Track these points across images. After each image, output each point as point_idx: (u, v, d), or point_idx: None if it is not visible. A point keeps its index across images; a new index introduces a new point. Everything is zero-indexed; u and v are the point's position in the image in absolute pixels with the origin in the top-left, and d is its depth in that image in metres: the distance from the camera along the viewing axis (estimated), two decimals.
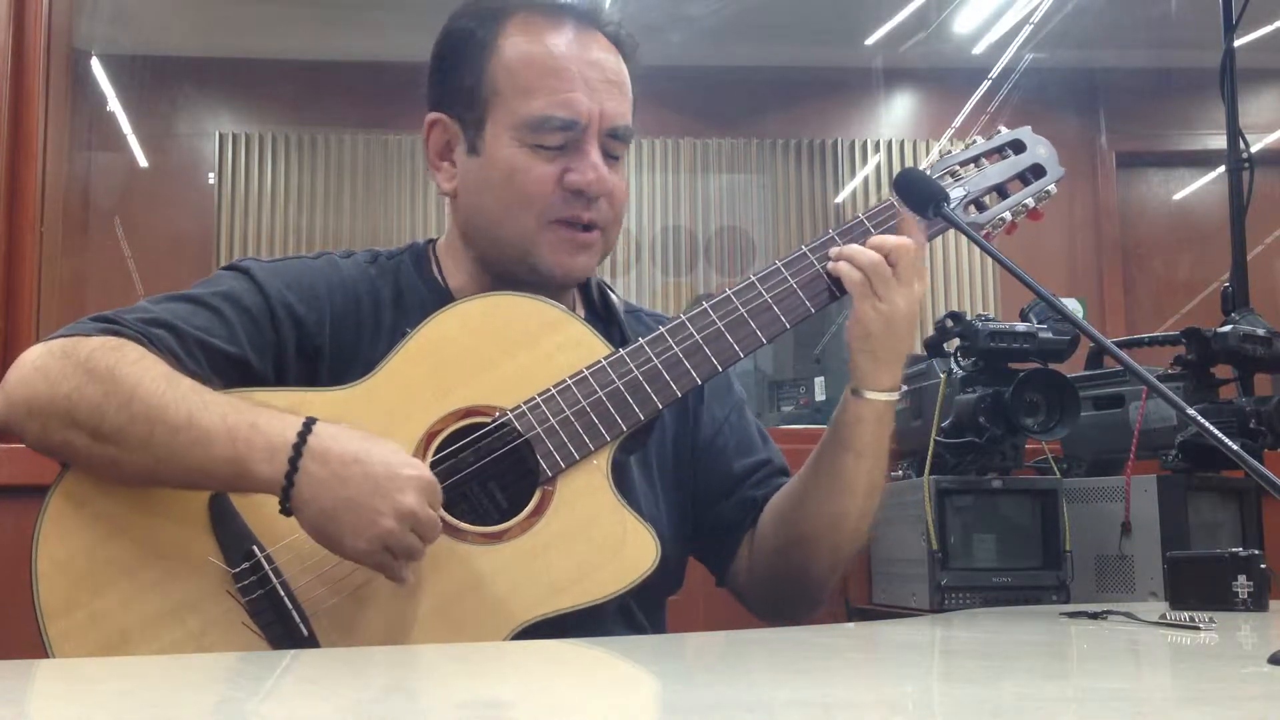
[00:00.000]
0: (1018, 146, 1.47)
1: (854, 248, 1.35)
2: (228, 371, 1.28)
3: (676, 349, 1.32)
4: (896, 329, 1.34)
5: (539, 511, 1.27)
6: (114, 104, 5.94)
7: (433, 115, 1.42)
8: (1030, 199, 1.45)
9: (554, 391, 1.29)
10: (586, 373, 1.30)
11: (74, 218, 4.21)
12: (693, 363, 1.32)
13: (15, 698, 0.90)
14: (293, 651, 1.20)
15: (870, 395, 1.37)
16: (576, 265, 1.39)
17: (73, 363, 1.22)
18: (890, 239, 1.36)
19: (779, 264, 1.37)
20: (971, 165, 1.45)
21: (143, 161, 6.21)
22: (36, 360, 1.24)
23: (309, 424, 1.19)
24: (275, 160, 6.36)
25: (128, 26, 5.67)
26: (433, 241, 1.50)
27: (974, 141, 1.48)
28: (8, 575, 1.28)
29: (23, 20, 2.32)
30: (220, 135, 6.30)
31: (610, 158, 1.39)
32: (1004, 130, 1.49)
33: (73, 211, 3.93)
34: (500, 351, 1.31)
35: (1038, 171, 1.46)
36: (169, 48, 6.02)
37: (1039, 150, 1.47)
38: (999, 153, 1.47)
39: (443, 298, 1.41)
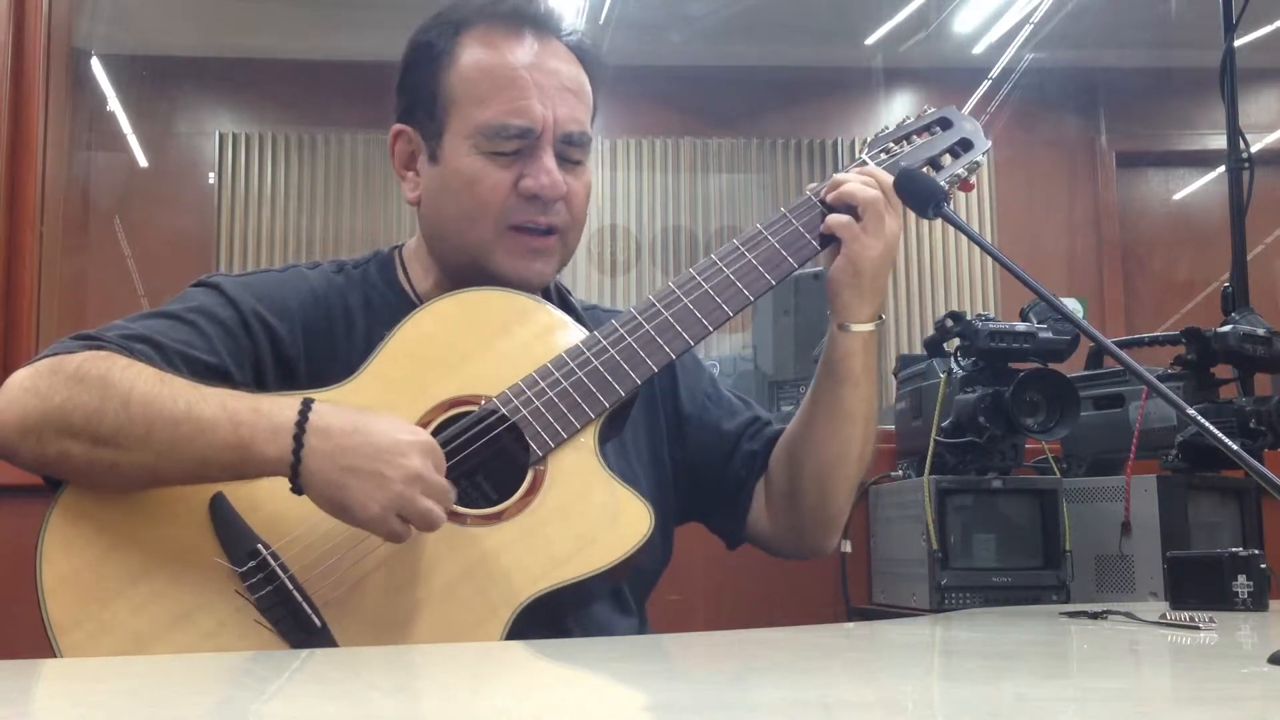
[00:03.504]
0: (945, 124, 1.56)
1: (851, 185, 1.43)
2: (210, 382, 1.29)
3: (648, 327, 1.37)
4: (884, 264, 1.44)
5: (533, 490, 1.30)
6: (114, 104, 5.93)
7: (396, 126, 1.47)
8: (962, 169, 1.53)
9: (535, 375, 1.33)
10: (564, 355, 1.34)
11: (74, 218, 4.21)
12: (664, 339, 1.37)
13: (16, 698, 0.90)
14: (298, 652, 1.20)
15: (856, 328, 1.45)
16: (533, 271, 1.42)
17: (62, 376, 1.24)
18: (862, 176, 1.44)
19: (737, 243, 1.43)
20: (904, 142, 1.54)
21: (143, 161, 6.21)
22: (25, 381, 1.25)
23: (308, 402, 1.22)
24: (275, 160, 6.36)
25: (128, 26, 5.67)
26: (398, 248, 1.53)
27: (905, 120, 1.56)
28: (8, 575, 1.28)
29: (23, 20, 2.32)
30: (220, 135, 6.30)
31: (568, 162, 1.42)
32: (930, 109, 1.57)
33: (73, 211, 3.93)
34: (478, 343, 1.35)
35: (965, 145, 1.54)
36: (169, 48, 6.02)
37: (965, 126, 1.55)
38: (927, 130, 1.55)
39: (408, 302, 1.45)
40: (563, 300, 1.54)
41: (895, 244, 1.44)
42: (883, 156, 1.51)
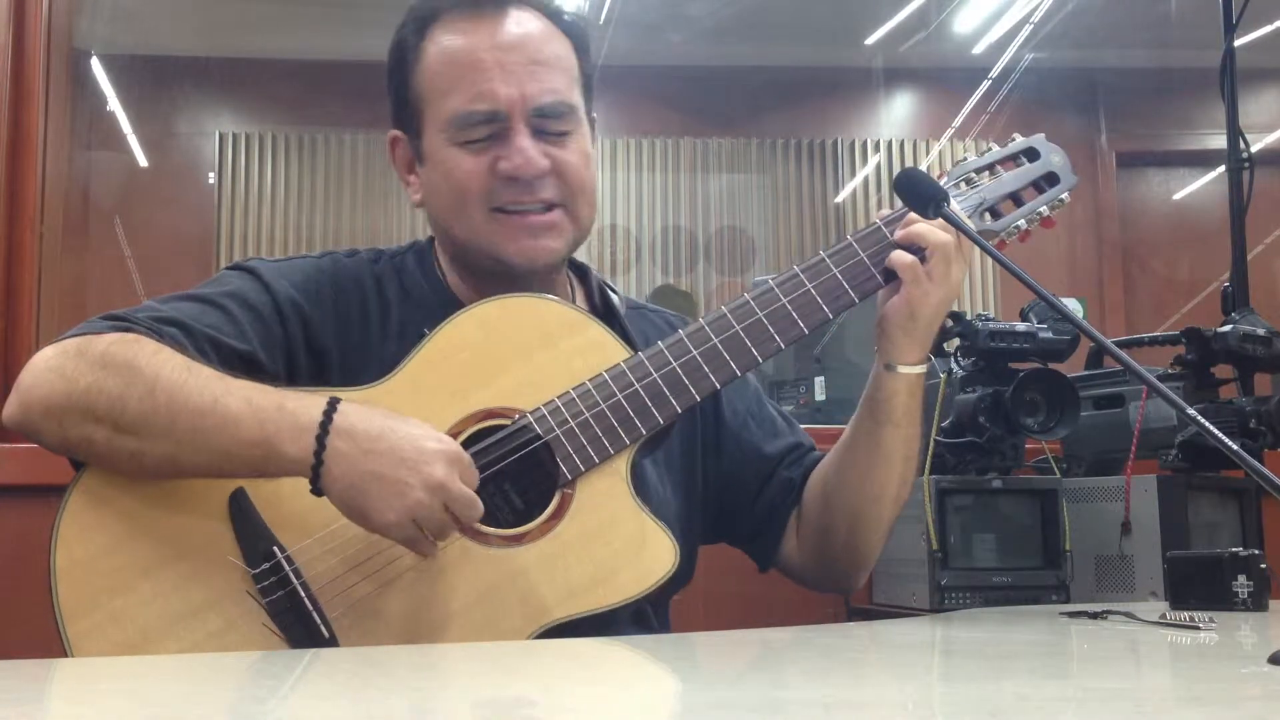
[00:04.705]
0: (1031, 154, 1.48)
1: (923, 227, 1.36)
2: (239, 369, 1.28)
3: (695, 353, 1.32)
4: (942, 310, 1.40)
5: (558, 515, 1.27)
6: (114, 104, 5.93)
7: (392, 133, 1.46)
8: (1044, 207, 1.46)
9: (573, 394, 1.29)
10: (606, 376, 1.30)
11: (74, 218, 4.20)
12: (711, 368, 1.32)
13: (19, 698, 0.90)
14: (309, 651, 1.20)
15: (904, 370, 1.41)
16: (539, 249, 1.38)
17: (88, 359, 1.22)
18: (928, 225, 1.38)
19: (797, 270, 1.37)
20: (986, 172, 1.46)
21: (143, 161, 6.21)
22: (51, 360, 1.23)
23: (334, 403, 1.20)
24: (275, 160, 6.36)
25: (128, 26, 5.67)
26: (434, 238, 1.51)
27: (989, 149, 1.48)
28: (9, 575, 1.28)
29: (23, 20, 2.32)
30: (220, 135, 6.30)
31: (550, 135, 1.38)
32: (1019, 138, 1.49)
33: (73, 211, 3.92)
34: (519, 353, 1.31)
35: (1051, 179, 1.47)
36: (169, 48, 6.02)
37: (1053, 159, 1.47)
38: (1013, 160, 1.47)
39: (445, 294, 1.43)
40: (604, 298, 1.51)
41: (956, 292, 1.40)
42: (964, 187, 1.44)
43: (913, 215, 1.38)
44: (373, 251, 1.47)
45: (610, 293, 1.52)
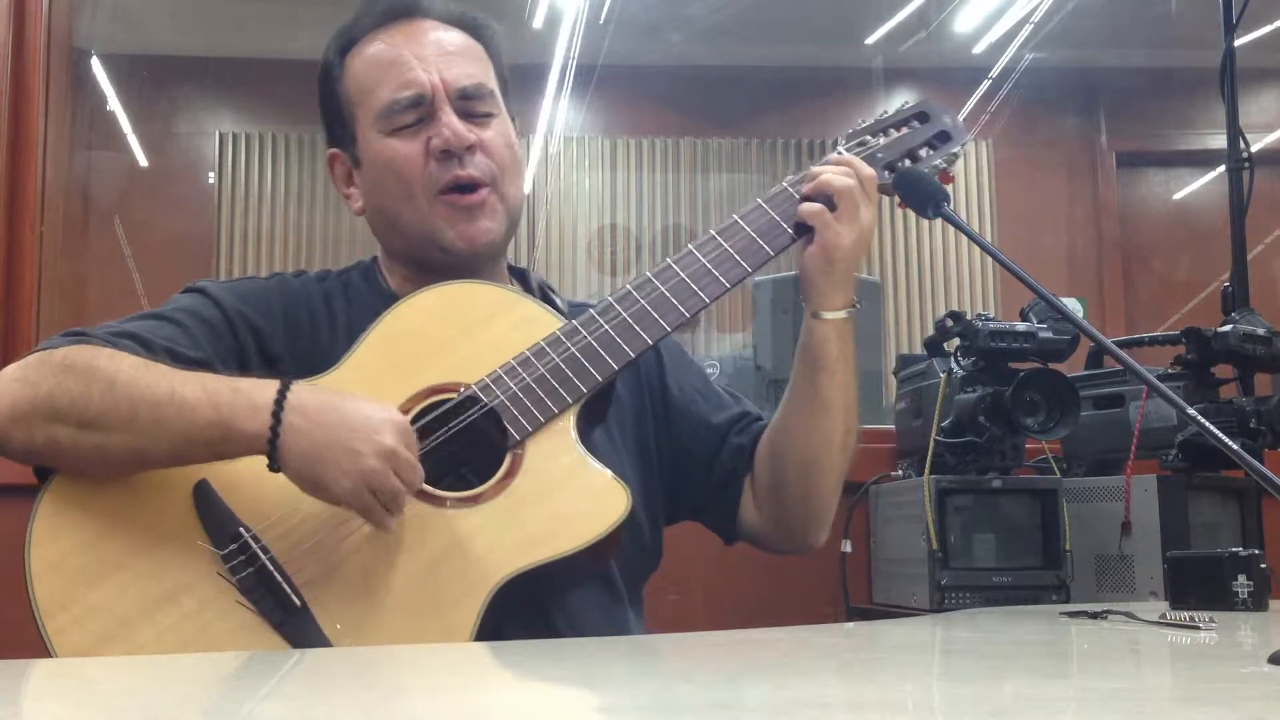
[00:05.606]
0: (923, 117, 1.56)
1: (828, 175, 1.44)
2: None
3: (625, 315, 1.38)
4: (856, 253, 1.45)
5: (511, 474, 1.31)
6: (114, 104, 5.94)
7: (329, 152, 1.55)
8: (939, 160, 1.53)
9: (514, 363, 1.35)
10: (543, 344, 1.36)
11: (74, 218, 4.20)
12: (642, 326, 1.38)
13: (11, 698, 0.90)
14: (291, 653, 1.21)
15: (829, 315, 1.46)
16: (477, 231, 1.45)
17: (49, 367, 1.28)
18: (839, 166, 1.45)
19: (714, 233, 1.44)
20: (881, 135, 1.53)
21: (143, 161, 6.22)
22: (14, 373, 1.29)
23: (286, 383, 1.26)
24: (275, 160, 6.37)
25: (128, 26, 5.67)
26: (377, 255, 1.57)
27: (882, 114, 1.56)
28: (7, 575, 1.29)
29: (23, 20, 2.32)
30: (220, 135, 6.31)
31: (475, 117, 1.45)
32: (908, 102, 1.57)
33: (73, 211, 3.93)
34: (459, 334, 1.37)
35: (944, 138, 1.54)
36: (169, 48, 6.02)
37: (944, 119, 1.55)
38: (905, 123, 1.55)
39: (392, 300, 1.47)
40: (545, 298, 1.55)
41: (869, 234, 1.45)
42: (858, 149, 1.50)
43: (816, 169, 1.45)
44: (320, 272, 1.54)
45: (550, 293, 1.57)
